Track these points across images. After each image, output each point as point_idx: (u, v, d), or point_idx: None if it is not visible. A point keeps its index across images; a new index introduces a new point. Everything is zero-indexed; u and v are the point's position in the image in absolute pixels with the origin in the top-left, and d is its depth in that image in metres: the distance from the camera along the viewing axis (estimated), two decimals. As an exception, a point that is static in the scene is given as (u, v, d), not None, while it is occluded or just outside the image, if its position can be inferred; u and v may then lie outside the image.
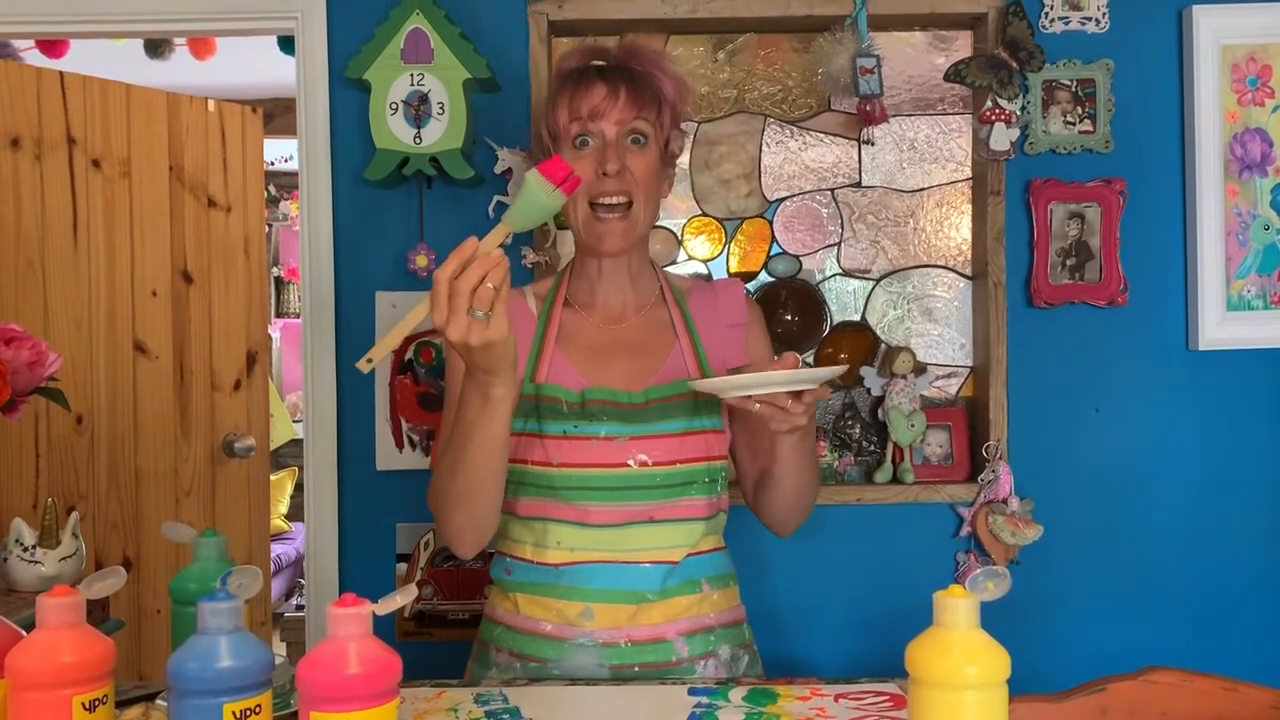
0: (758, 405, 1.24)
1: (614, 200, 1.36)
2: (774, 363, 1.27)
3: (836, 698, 1.27)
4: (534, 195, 1.11)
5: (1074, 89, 2.02)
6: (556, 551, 1.36)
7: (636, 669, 1.36)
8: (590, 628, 1.35)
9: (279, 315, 5.70)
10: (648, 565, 1.36)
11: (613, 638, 1.35)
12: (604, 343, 1.44)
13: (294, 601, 4.50)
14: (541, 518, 1.38)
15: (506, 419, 1.22)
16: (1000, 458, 2.03)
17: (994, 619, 0.81)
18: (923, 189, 2.13)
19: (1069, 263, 2.04)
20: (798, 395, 1.23)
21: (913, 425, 2.04)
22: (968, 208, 2.13)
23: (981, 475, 2.04)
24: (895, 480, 2.06)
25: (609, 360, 1.42)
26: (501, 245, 1.12)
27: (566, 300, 1.46)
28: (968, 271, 2.14)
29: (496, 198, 2.04)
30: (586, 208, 1.37)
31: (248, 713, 0.78)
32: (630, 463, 1.35)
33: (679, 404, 1.39)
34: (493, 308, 1.09)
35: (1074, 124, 2.03)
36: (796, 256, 2.14)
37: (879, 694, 1.28)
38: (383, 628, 0.79)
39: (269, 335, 4.06)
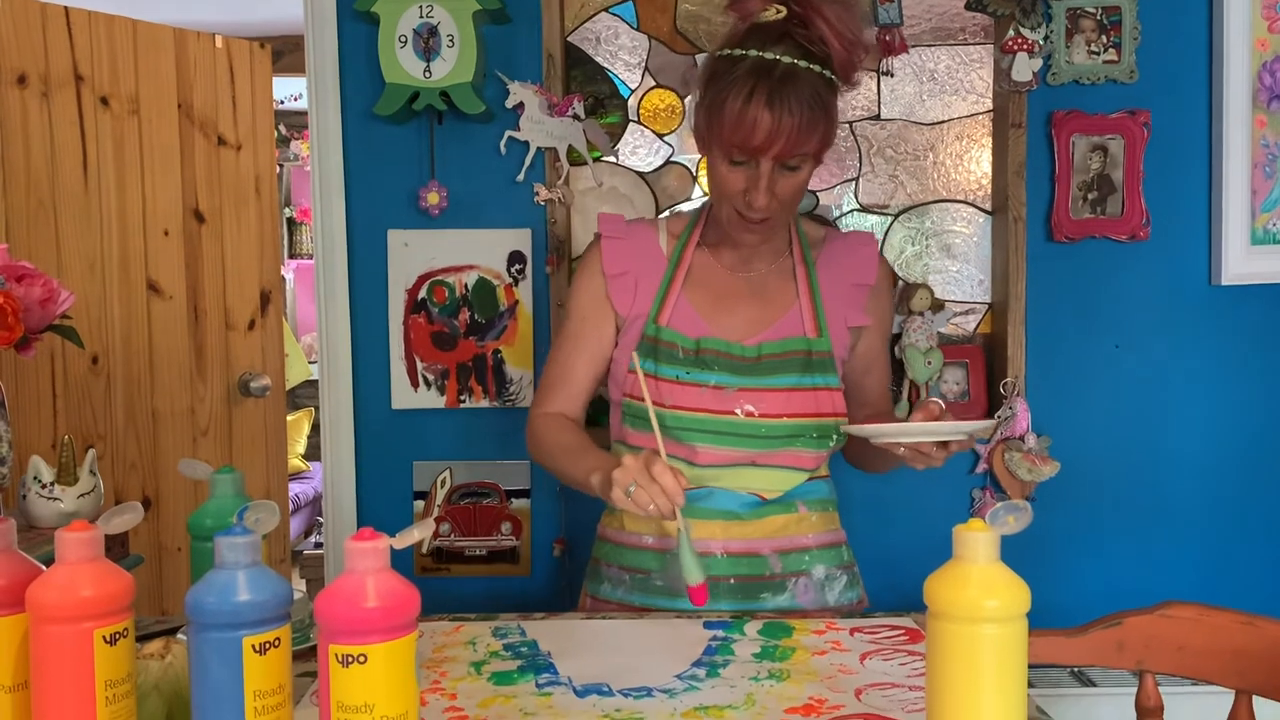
0: (903, 449, 1.29)
1: (756, 218, 1.37)
2: (919, 404, 1.30)
3: (852, 631, 1.27)
4: (685, 557, 1.24)
5: (1099, 17, 1.97)
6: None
7: (731, 580, 1.41)
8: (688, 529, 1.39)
9: (292, 256, 5.69)
10: (744, 494, 1.42)
11: (709, 548, 1.40)
12: (728, 288, 1.46)
13: (313, 539, 4.57)
14: (652, 450, 1.40)
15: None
16: (1018, 394, 2.01)
17: (1010, 555, 0.80)
18: (942, 121, 2.09)
19: (1090, 196, 2.01)
20: (944, 444, 1.28)
21: (929, 363, 2.03)
22: (988, 140, 2.09)
23: (998, 412, 2.03)
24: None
25: (731, 307, 1.45)
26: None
27: (699, 241, 1.49)
28: (987, 206, 2.10)
29: (508, 133, 2.01)
30: (731, 210, 1.38)
31: (267, 645, 0.78)
32: (737, 412, 1.39)
33: (791, 360, 1.42)
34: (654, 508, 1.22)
35: (1098, 54, 1.98)
36: (814, 192, 2.11)
37: (894, 628, 1.28)
38: (400, 564, 0.79)
39: (282, 276, 4.05)
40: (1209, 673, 1.28)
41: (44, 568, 0.84)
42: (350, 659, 0.76)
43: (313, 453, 5.03)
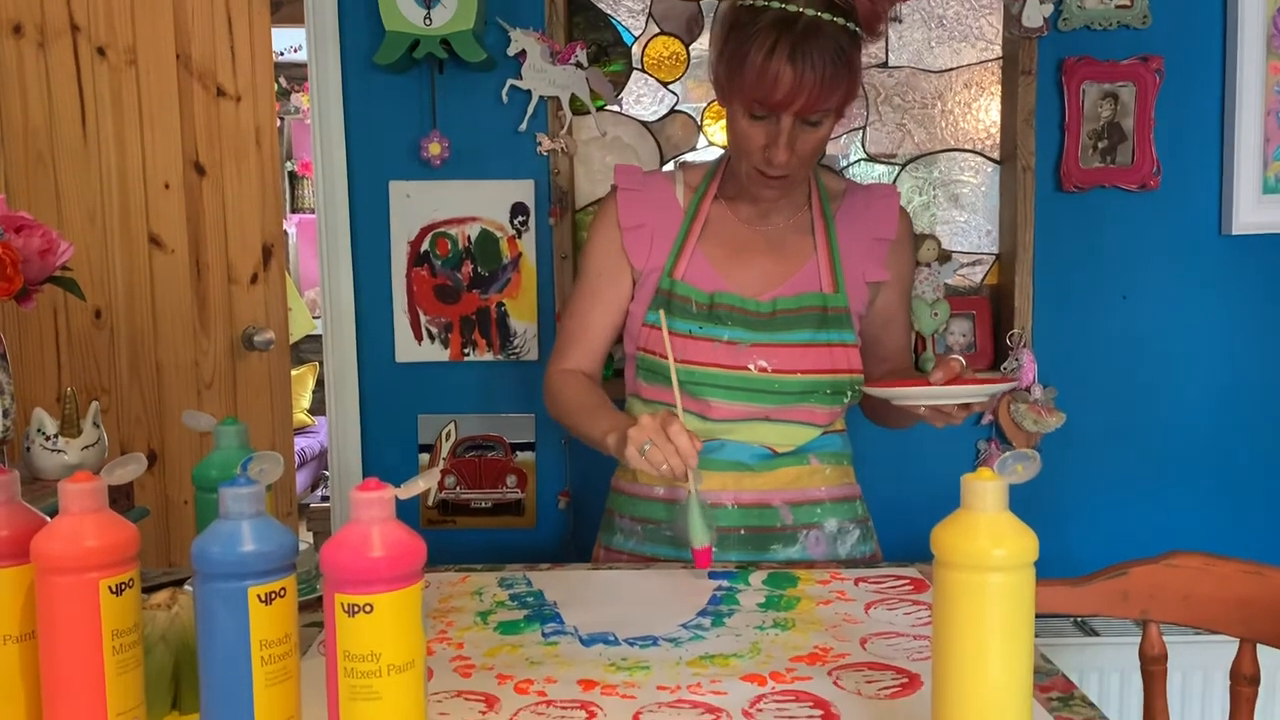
0: (923, 409, 1.29)
1: (775, 174, 1.35)
2: (938, 361, 1.28)
3: (857, 581, 1.27)
4: (693, 520, 1.26)
5: (1112, -40, 1.93)
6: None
7: (742, 531, 1.41)
8: (699, 489, 1.38)
9: (294, 211, 5.66)
10: (756, 446, 1.42)
11: (719, 499, 1.40)
12: (744, 241, 1.45)
13: (319, 493, 4.59)
14: (666, 404, 1.40)
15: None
16: (1024, 346, 2.00)
17: (1015, 506, 0.80)
18: (951, 69, 2.06)
19: (1100, 145, 1.98)
20: (965, 404, 1.27)
21: (936, 314, 2.01)
22: (997, 89, 2.06)
23: (1005, 364, 2.02)
24: (917, 369, 2.04)
25: (746, 260, 1.44)
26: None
27: (716, 194, 1.47)
28: (996, 155, 2.08)
29: (510, 82, 1.98)
30: (750, 165, 1.36)
31: (272, 595, 0.78)
32: (750, 367, 1.38)
33: (806, 316, 1.41)
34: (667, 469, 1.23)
35: (1111, -2, 1.94)
36: (819, 141, 2.08)
37: (899, 578, 1.29)
38: (406, 516, 0.79)
39: (285, 230, 4.02)
40: (1214, 622, 1.28)
41: (48, 519, 0.84)
42: (356, 608, 0.75)
43: (318, 407, 5.03)
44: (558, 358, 1.49)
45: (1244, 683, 1.25)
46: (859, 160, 2.08)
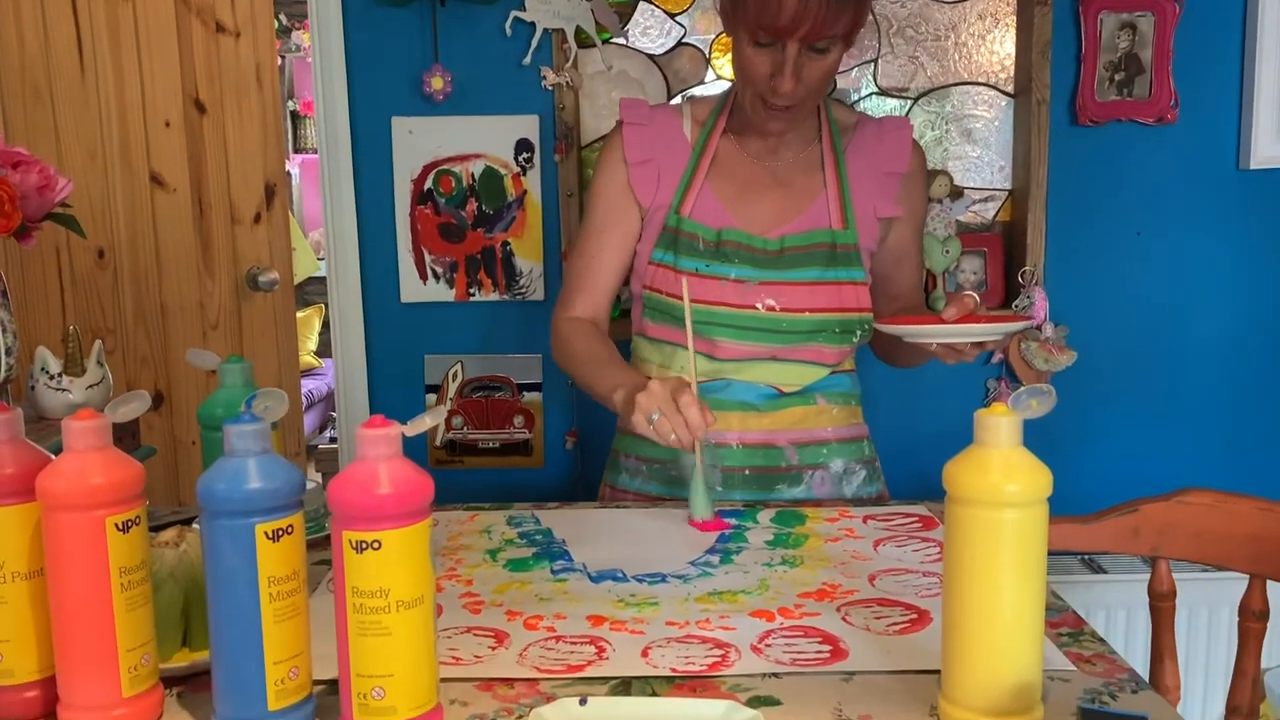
0: (935, 346, 1.26)
1: (780, 104, 1.32)
2: (950, 298, 1.25)
3: (865, 519, 1.27)
4: (696, 494, 1.25)
5: (1134, -116, 1.87)
6: (680, 375, 1.38)
7: (747, 472, 1.40)
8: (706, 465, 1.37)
9: (296, 151, 5.61)
10: (763, 386, 1.40)
11: (724, 439, 1.39)
12: (753, 176, 1.42)
13: (327, 434, 4.60)
14: (671, 342, 1.40)
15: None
16: (1036, 283, 1.98)
17: (1025, 444, 0.78)
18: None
19: (1117, 77, 1.94)
20: (978, 342, 1.25)
21: (947, 251, 1.99)
22: (1012, 19, 2.01)
23: (1016, 301, 2.00)
24: (928, 308, 2.02)
25: (755, 196, 1.41)
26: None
27: (724, 129, 1.44)
28: (1010, 89, 2.03)
29: (513, 14, 1.94)
30: (755, 95, 1.33)
31: (279, 532, 0.77)
32: (758, 306, 1.37)
33: (815, 253, 1.38)
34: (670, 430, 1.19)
35: (1131, -76, 1.89)
36: (829, 75, 2.04)
37: (908, 515, 1.28)
38: (414, 457, 0.78)
39: (287, 171, 3.98)
40: (1224, 558, 1.28)
41: (53, 457, 0.83)
42: (365, 545, 0.75)
43: (324, 349, 5.03)
44: (565, 303, 1.46)
45: (1253, 618, 1.25)
46: (870, 94, 2.04)
